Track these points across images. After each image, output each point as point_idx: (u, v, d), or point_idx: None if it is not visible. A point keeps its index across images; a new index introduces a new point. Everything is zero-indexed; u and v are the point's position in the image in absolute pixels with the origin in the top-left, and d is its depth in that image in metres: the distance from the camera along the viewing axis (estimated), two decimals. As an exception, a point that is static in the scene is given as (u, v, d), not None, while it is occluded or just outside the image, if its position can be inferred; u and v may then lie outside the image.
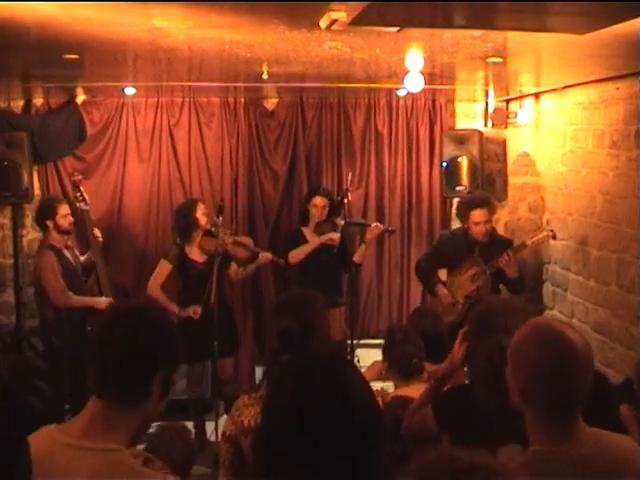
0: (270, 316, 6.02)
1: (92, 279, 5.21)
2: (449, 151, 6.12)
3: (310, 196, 5.54)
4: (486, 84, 5.71)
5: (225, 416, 4.51)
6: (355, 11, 2.56)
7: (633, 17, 2.61)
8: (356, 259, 5.47)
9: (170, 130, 6.24)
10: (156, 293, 5.14)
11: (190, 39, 3.47)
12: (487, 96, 6.37)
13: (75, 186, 5.29)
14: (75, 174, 5.42)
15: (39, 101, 6.07)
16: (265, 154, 6.37)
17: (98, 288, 5.16)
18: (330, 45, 3.54)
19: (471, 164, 6.07)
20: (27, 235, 6.19)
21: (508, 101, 6.36)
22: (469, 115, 6.64)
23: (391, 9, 2.59)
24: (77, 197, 5.24)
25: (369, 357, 4.97)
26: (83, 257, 5.33)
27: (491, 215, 5.00)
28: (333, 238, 5.33)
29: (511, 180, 6.46)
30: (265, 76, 4.61)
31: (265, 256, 5.23)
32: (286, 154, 6.37)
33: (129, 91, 5.69)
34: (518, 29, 3.03)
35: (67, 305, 4.94)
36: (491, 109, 6.42)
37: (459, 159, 6.09)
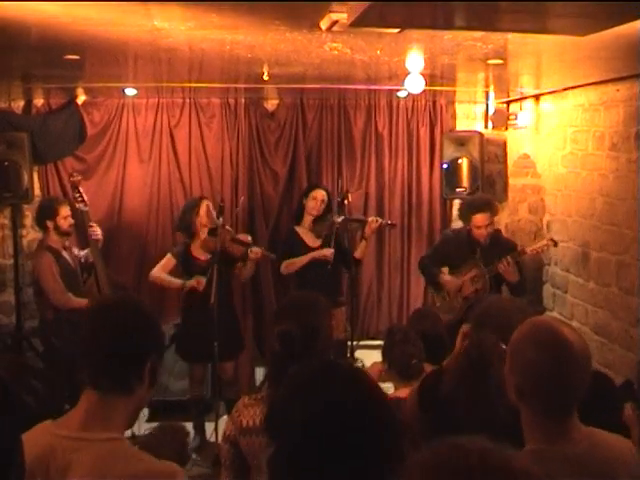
0: (272, 318, 6.00)
1: (91, 279, 5.19)
2: (449, 152, 6.13)
3: (310, 189, 5.47)
4: (487, 86, 5.72)
5: (225, 417, 4.51)
6: (356, 12, 2.56)
7: (633, 19, 2.61)
8: (357, 255, 5.44)
9: (170, 131, 6.24)
10: (158, 274, 5.17)
11: (191, 40, 3.47)
12: (487, 98, 6.38)
13: (74, 187, 5.23)
14: (74, 175, 5.35)
15: (40, 101, 6.07)
16: (265, 155, 6.37)
17: (97, 288, 5.15)
18: (331, 46, 3.54)
19: (471, 166, 6.08)
20: (27, 235, 6.19)
21: (508, 103, 6.36)
22: (469, 117, 6.65)
23: (392, 10, 2.59)
24: (76, 198, 5.18)
25: (369, 358, 4.98)
26: (83, 252, 5.30)
27: (493, 217, 5.01)
28: (326, 255, 5.22)
29: (511, 182, 6.46)
30: (266, 77, 4.61)
31: (255, 251, 5.06)
32: (286, 155, 6.37)
33: (130, 92, 5.69)
34: (519, 31, 3.04)
35: (67, 306, 4.93)
36: (491, 111, 6.42)
37: (459, 160, 6.10)
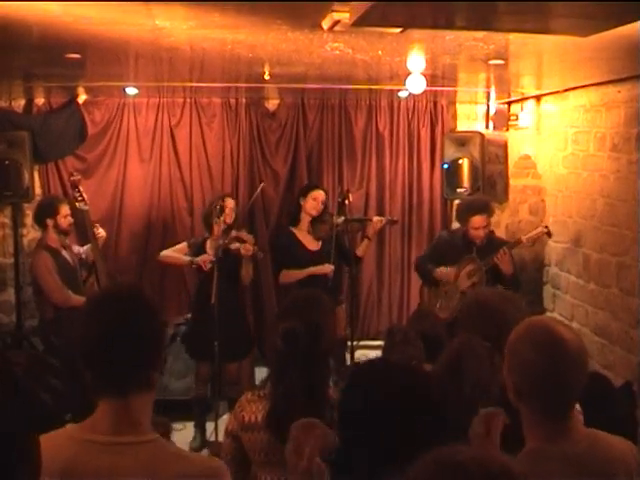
0: (272, 319, 5.97)
1: (92, 278, 5.19)
2: (450, 153, 6.12)
3: (309, 189, 5.30)
4: (488, 86, 5.71)
5: (225, 417, 4.50)
6: (358, 12, 2.55)
7: (635, 20, 2.60)
8: (359, 253, 5.36)
9: (171, 130, 6.25)
10: (167, 253, 5.20)
11: (192, 39, 3.47)
12: (489, 98, 6.37)
13: (74, 186, 5.20)
14: (74, 174, 5.32)
15: (40, 101, 6.08)
16: (266, 155, 6.37)
17: (98, 287, 5.14)
18: (332, 46, 3.54)
19: (472, 166, 6.08)
20: (27, 234, 6.20)
21: (509, 103, 6.36)
22: (470, 117, 6.65)
23: (394, 10, 2.59)
24: (76, 197, 5.15)
25: (369, 359, 4.95)
26: (83, 248, 5.27)
27: (489, 219, 5.02)
28: (327, 271, 5.09)
29: (512, 182, 6.46)
30: (267, 77, 4.61)
31: (246, 247, 4.94)
32: (287, 155, 6.37)
33: (130, 91, 5.69)
34: (520, 31, 3.03)
35: (67, 304, 4.92)
36: (492, 111, 6.43)
37: (460, 161, 6.09)
